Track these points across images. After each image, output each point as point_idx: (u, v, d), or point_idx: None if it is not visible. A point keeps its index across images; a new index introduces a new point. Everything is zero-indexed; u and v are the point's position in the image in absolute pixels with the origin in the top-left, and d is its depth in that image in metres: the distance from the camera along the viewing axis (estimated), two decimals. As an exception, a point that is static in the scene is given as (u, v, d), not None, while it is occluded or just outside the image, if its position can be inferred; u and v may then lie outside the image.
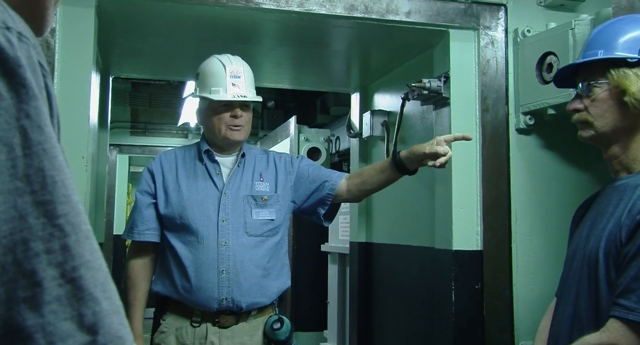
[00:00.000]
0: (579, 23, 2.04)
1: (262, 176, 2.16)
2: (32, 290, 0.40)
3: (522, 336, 2.24)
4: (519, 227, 2.30)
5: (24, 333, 0.39)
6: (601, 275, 1.44)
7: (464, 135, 2.02)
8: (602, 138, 1.55)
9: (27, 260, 0.41)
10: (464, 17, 2.34)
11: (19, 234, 0.41)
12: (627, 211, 1.43)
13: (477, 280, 2.27)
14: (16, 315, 0.40)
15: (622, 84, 1.46)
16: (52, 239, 0.42)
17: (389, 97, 3.08)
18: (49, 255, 0.42)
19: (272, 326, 2.05)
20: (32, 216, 0.42)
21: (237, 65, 2.12)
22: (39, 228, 0.42)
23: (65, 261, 0.42)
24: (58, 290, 0.41)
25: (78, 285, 0.42)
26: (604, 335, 1.37)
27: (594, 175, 2.30)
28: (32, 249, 0.41)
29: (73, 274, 0.42)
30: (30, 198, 0.42)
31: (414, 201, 2.75)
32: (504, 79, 2.35)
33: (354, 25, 2.38)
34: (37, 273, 0.41)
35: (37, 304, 0.40)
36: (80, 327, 0.41)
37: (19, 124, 0.43)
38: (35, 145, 0.43)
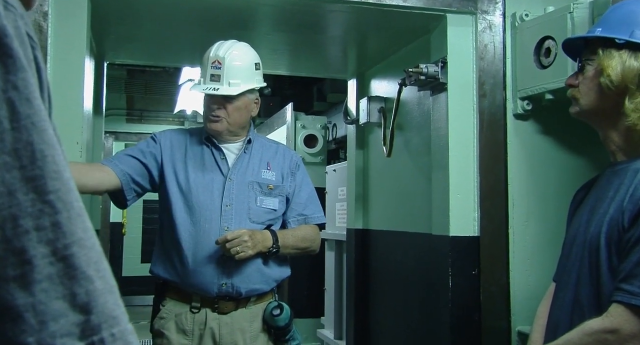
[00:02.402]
0: (577, 7, 2.02)
1: (270, 165, 2.14)
2: (21, 269, 0.39)
3: (519, 321, 2.24)
4: (516, 213, 2.30)
5: (13, 312, 0.38)
6: (602, 260, 1.43)
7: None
8: (586, 115, 1.55)
9: (16, 238, 0.39)
10: (461, 1, 2.31)
11: (7, 210, 0.39)
12: (629, 196, 1.42)
13: (474, 266, 2.26)
14: (5, 294, 0.38)
15: (602, 64, 1.45)
16: (42, 216, 0.40)
17: (386, 83, 3.06)
18: (39, 232, 0.40)
19: (272, 312, 2.05)
20: (21, 192, 0.40)
21: (221, 54, 2.06)
22: (29, 204, 0.40)
23: (57, 239, 0.41)
24: (49, 269, 0.40)
25: (70, 263, 0.41)
26: (607, 320, 1.36)
27: (592, 160, 2.29)
28: (22, 225, 0.40)
29: (65, 252, 0.41)
30: (19, 173, 0.40)
31: (411, 187, 2.74)
32: (502, 64, 2.33)
33: (350, 9, 2.35)
34: (27, 251, 0.39)
35: (27, 283, 0.39)
36: (72, 306, 0.40)
37: (6, 95, 0.41)
38: (24, 119, 0.41)
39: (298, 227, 2.15)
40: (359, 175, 3.29)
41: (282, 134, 4.60)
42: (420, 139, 2.66)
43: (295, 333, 2.15)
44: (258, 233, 2.00)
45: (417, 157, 2.71)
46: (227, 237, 1.93)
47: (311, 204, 2.20)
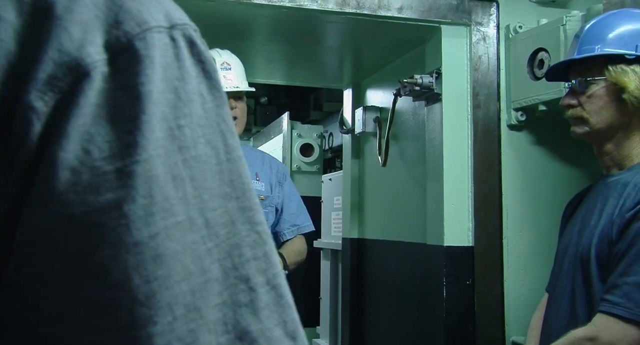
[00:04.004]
0: (570, 19, 2.04)
1: (258, 176, 2.17)
2: (250, 296, 0.40)
3: (513, 331, 2.25)
4: (510, 223, 2.31)
5: (250, 337, 0.39)
6: (593, 272, 1.45)
7: None
8: (596, 134, 1.55)
9: (242, 266, 0.41)
10: (455, 13, 2.34)
11: (232, 239, 0.41)
12: (619, 209, 1.44)
13: (469, 276, 2.27)
14: (241, 319, 0.40)
15: (620, 81, 1.46)
16: (257, 246, 0.42)
17: (382, 93, 3.08)
18: (256, 261, 0.42)
19: None
20: (239, 222, 0.41)
21: (227, 57, 2.13)
22: (246, 234, 0.42)
23: (268, 268, 0.42)
24: (267, 297, 0.41)
25: (279, 292, 0.42)
26: (589, 329, 1.39)
27: (585, 171, 2.31)
28: (245, 254, 0.41)
29: (274, 282, 0.42)
30: (236, 204, 0.42)
31: (406, 197, 2.75)
32: (496, 75, 2.35)
33: (346, 20, 2.37)
34: (250, 279, 0.41)
35: (256, 309, 0.40)
36: (285, 334, 0.41)
37: (220, 128, 0.43)
38: (232, 151, 0.43)
39: (292, 241, 2.17)
40: (355, 184, 3.30)
41: (278, 142, 4.61)
42: (415, 148, 2.67)
43: None
44: None
45: (411, 167, 2.72)
46: None
47: (301, 214, 2.23)
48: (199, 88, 0.42)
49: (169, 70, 0.40)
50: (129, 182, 0.37)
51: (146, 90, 0.39)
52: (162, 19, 0.42)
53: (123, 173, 0.37)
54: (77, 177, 0.37)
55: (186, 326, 0.37)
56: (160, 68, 0.40)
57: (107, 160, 0.37)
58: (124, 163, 0.37)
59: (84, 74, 0.38)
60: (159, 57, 0.40)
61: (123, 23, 0.40)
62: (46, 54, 0.38)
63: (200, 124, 0.41)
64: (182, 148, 0.40)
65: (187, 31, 0.43)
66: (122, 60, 0.39)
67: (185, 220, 0.39)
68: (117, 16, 0.40)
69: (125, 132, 0.38)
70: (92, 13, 0.39)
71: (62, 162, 0.36)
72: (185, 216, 0.39)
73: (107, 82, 0.38)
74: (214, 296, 0.39)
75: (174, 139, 0.39)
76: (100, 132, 0.37)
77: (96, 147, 0.37)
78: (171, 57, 0.41)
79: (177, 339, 0.37)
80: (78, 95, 0.38)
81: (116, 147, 0.37)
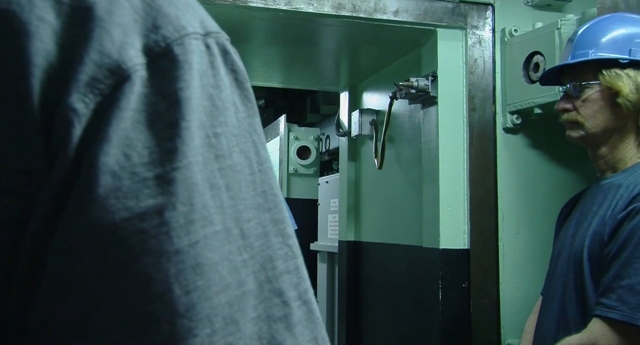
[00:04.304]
0: (565, 23, 2.05)
1: None
2: (284, 310, 0.39)
3: (509, 334, 2.25)
4: (506, 226, 2.31)
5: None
6: (586, 274, 1.45)
7: None
8: (592, 138, 1.55)
9: (275, 279, 0.40)
10: (451, 16, 2.34)
11: (266, 251, 0.40)
12: (611, 210, 1.44)
13: (464, 278, 2.28)
14: (276, 334, 0.39)
15: (614, 85, 1.46)
16: (288, 259, 0.41)
17: (378, 96, 3.08)
18: (289, 275, 0.41)
19: None
20: (272, 234, 0.40)
21: None
22: (278, 247, 0.41)
23: (299, 283, 0.41)
24: (299, 312, 0.40)
25: (310, 308, 0.41)
26: (585, 335, 1.38)
27: (580, 174, 2.32)
28: (278, 267, 0.40)
29: (305, 297, 0.41)
30: (269, 215, 0.41)
31: (402, 200, 2.75)
32: (491, 78, 2.35)
33: (342, 23, 2.38)
34: (284, 293, 0.40)
35: (290, 324, 0.39)
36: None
37: (252, 138, 0.42)
38: (264, 162, 0.42)
39: None
40: (351, 187, 3.30)
41: (275, 145, 4.61)
42: (411, 151, 2.68)
43: None
44: None
45: (407, 170, 2.72)
46: None
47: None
48: (232, 97, 0.42)
49: (205, 77, 0.40)
50: (169, 189, 0.36)
51: (185, 96, 0.38)
52: (198, 25, 0.41)
53: (163, 179, 0.36)
54: (118, 182, 0.36)
55: (224, 340, 0.36)
56: (197, 74, 0.39)
57: (147, 166, 0.36)
58: (164, 169, 0.36)
59: (126, 77, 0.37)
60: (197, 63, 0.39)
61: (161, 27, 0.39)
62: (87, 56, 0.37)
63: (234, 134, 0.41)
64: (218, 156, 0.39)
65: (221, 39, 0.43)
66: (161, 65, 0.38)
67: (222, 230, 0.38)
68: (155, 20, 0.39)
69: (165, 138, 0.37)
70: (131, 16, 0.39)
71: (103, 166, 0.36)
72: (223, 226, 0.38)
73: (146, 87, 0.38)
74: (250, 309, 0.38)
75: (211, 147, 0.39)
76: (140, 137, 0.37)
77: (136, 153, 0.36)
78: (207, 64, 0.40)
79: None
80: (120, 99, 0.37)
81: (156, 153, 0.37)
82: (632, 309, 1.32)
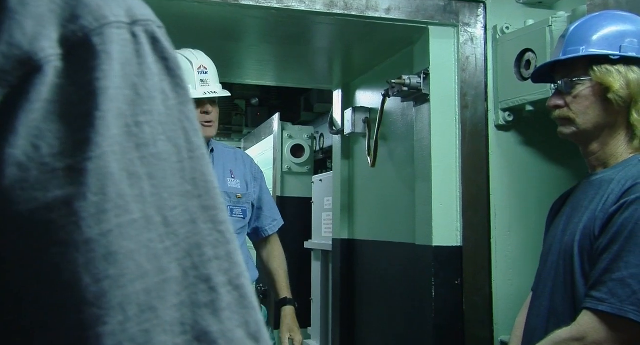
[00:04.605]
0: (556, 20, 2.05)
1: (233, 173, 2.18)
2: (210, 296, 0.40)
3: (502, 331, 2.26)
4: (498, 223, 2.32)
5: (209, 338, 0.39)
6: (577, 268, 1.46)
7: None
8: (583, 134, 1.56)
9: (202, 265, 0.40)
10: (443, 14, 2.35)
11: (193, 238, 0.40)
12: (602, 205, 1.45)
13: (457, 276, 2.28)
14: (200, 319, 0.39)
15: (605, 81, 1.47)
16: (219, 246, 0.41)
17: (371, 94, 3.08)
18: (218, 261, 0.41)
19: None
20: (201, 220, 0.41)
21: (203, 60, 2.13)
22: (207, 233, 0.41)
23: (230, 268, 0.41)
24: (229, 297, 0.40)
25: (242, 293, 0.41)
26: (574, 328, 1.38)
27: (572, 171, 2.32)
28: (206, 254, 0.40)
29: (237, 282, 0.41)
30: (198, 202, 0.41)
31: (395, 197, 2.76)
32: (483, 75, 2.36)
33: (334, 21, 2.38)
34: (212, 279, 0.40)
35: (216, 310, 0.40)
36: (247, 335, 0.41)
37: (182, 125, 0.42)
38: (196, 149, 0.42)
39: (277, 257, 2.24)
40: (345, 185, 3.30)
41: (269, 144, 4.61)
42: (404, 149, 2.68)
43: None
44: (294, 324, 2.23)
45: (400, 168, 2.73)
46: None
47: (276, 208, 2.29)
48: (160, 85, 0.41)
49: (128, 66, 0.40)
50: (79, 179, 0.36)
51: (102, 86, 0.38)
52: (122, 14, 0.41)
53: (74, 170, 0.36)
54: (24, 174, 0.36)
55: (139, 326, 0.36)
56: (118, 64, 0.39)
57: (57, 156, 0.36)
58: (75, 160, 0.36)
59: (36, 68, 0.37)
60: (117, 52, 0.39)
61: (80, 18, 0.39)
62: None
63: (161, 122, 0.41)
64: (140, 145, 0.39)
65: (150, 27, 0.42)
66: (78, 55, 0.38)
67: (141, 218, 0.38)
68: (74, 10, 0.39)
69: (77, 128, 0.37)
70: (48, 7, 0.39)
71: (8, 158, 0.36)
72: (142, 214, 0.38)
73: (60, 78, 0.38)
74: (171, 296, 0.38)
75: (131, 136, 0.39)
76: (51, 128, 0.37)
77: (46, 144, 0.36)
78: (131, 53, 0.40)
79: (128, 339, 0.36)
80: (29, 90, 0.37)
81: (67, 144, 0.37)
82: (622, 301, 1.32)
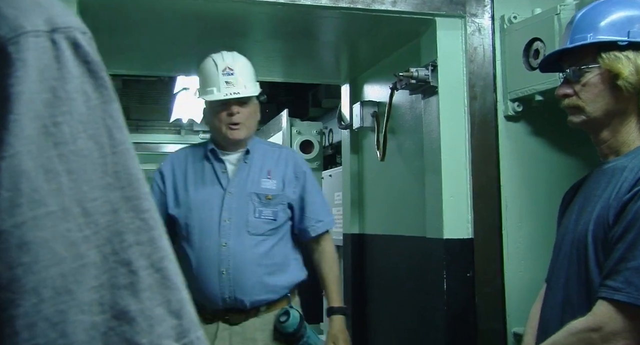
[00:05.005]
0: (564, 8, 2.03)
1: (270, 173, 2.11)
2: (130, 278, 0.44)
3: (515, 323, 2.25)
4: (509, 214, 2.30)
5: (128, 316, 0.43)
6: (591, 258, 1.44)
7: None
8: (594, 123, 1.54)
9: (123, 251, 0.44)
10: (450, 5, 2.33)
11: (114, 225, 0.45)
12: (615, 193, 1.43)
13: (469, 268, 2.27)
14: (120, 300, 0.43)
15: (614, 68, 1.45)
16: (141, 232, 0.46)
17: (379, 88, 3.07)
18: (139, 246, 0.45)
19: (279, 319, 2.06)
20: (123, 210, 0.45)
21: (230, 61, 2.09)
22: (129, 221, 0.45)
23: (153, 253, 0.46)
24: (150, 279, 0.45)
25: (164, 274, 0.46)
26: (591, 319, 1.36)
27: (583, 160, 2.30)
28: (127, 240, 0.44)
29: (160, 265, 0.46)
30: (120, 193, 0.45)
31: (405, 191, 2.75)
32: (492, 66, 2.34)
33: (341, 15, 2.37)
34: (132, 263, 0.44)
35: (136, 291, 0.44)
36: (169, 312, 0.45)
37: (105, 123, 0.46)
38: (120, 145, 0.46)
39: (325, 262, 2.19)
40: (354, 180, 3.29)
41: (277, 140, 4.61)
42: (413, 142, 2.67)
43: (311, 338, 2.14)
44: (340, 335, 2.19)
45: (410, 161, 2.72)
46: None
47: (324, 209, 2.21)
48: (82, 87, 0.45)
49: (46, 71, 0.43)
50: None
51: (16, 92, 0.41)
52: (40, 23, 0.44)
53: None
54: None
55: (54, 307, 0.40)
56: (34, 70, 0.43)
57: None
58: None
59: None
60: (34, 59, 0.43)
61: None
62: None
63: (81, 121, 0.44)
64: (58, 144, 0.43)
65: (72, 34, 0.46)
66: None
67: (58, 210, 0.42)
68: None
69: None
70: None
71: None
72: (59, 206, 0.42)
73: None
74: (90, 279, 0.42)
75: (48, 135, 0.43)
76: None
77: None
78: (50, 59, 0.44)
79: (43, 319, 0.40)
80: None
81: None
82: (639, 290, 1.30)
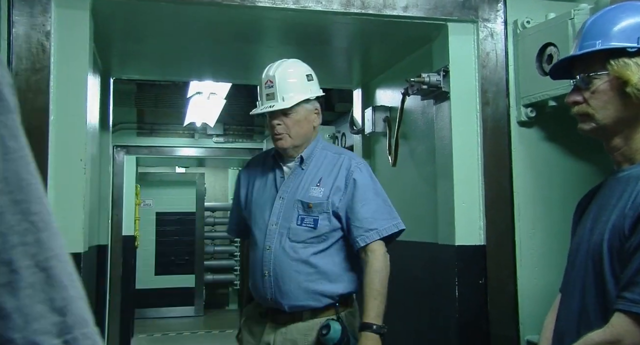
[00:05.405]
0: (578, 13, 2.01)
1: (321, 181, 2.07)
2: (9, 277, 0.47)
3: (528, 331, 2.22)
4: (522, 221, 2.28)
5: (3, 312, 0.46)
6: (606, 268, 1.41)
7: None
8: (604, 130, 1.52)
9: (5, 251, 0.47)
10: (462, 10, 2.31)
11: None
12: (631, 202, 1.41)
13: (481, 275, 2.25)
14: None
15: (623, 75, 1.43)
16: (28, 234, 0.48)
17: (390, 93, 3.06)
18: (24, 247, 0.48)
19: (322, 332, 2.05)
20: (9, 213, 0.48)
21: (272, 73, 2.07)
22: (15, 223, 0.48)
23: (39, 253, 0.48)
24: (32, 278, 0.48)
25: (50, 274, 0.49)
26: (608, 331, 1.33)
27: (597, 166, 2.27)
28: (10, 241, 0.47)
29: (45, 264, 0.48)
30: (8, 197, 0.48)
31: (417, 196, 2.73)
32: (504, 71, 2.32)
33: (352, 21, 2.36)
34: (14, 262, 0.47)
35: (14, 289, 0.47)
36: (51, 310, 0.48)
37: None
38: (12, 153, 0.49)
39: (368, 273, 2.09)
40: (366, 185, 3.27)
41: (290, 144, 4.61)
42: (425, 148, 2.65)
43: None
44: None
45: (422, 166, 2.70)
46: None
47: (380, 217, 2.07)
48: None
49: None
50: None
51: None
52: None
53: None
54: None
55: None
56: None
57: None
58: None
59: None
60: None
61: None
62: None
63: None
64: None
65: None
66: None
67: None
68: None
69: None
70: None
71: None
72: None
73: None
74: None
75: None
76: None
77: None
78: None
79: None
80: None
81: None
82: None
